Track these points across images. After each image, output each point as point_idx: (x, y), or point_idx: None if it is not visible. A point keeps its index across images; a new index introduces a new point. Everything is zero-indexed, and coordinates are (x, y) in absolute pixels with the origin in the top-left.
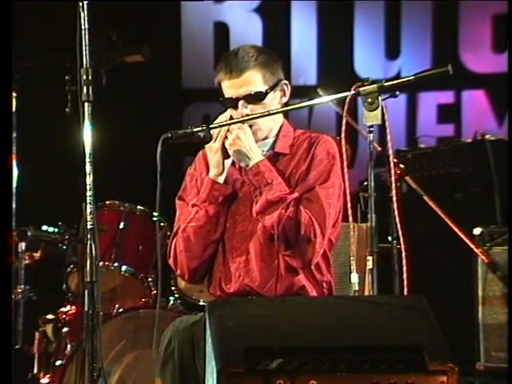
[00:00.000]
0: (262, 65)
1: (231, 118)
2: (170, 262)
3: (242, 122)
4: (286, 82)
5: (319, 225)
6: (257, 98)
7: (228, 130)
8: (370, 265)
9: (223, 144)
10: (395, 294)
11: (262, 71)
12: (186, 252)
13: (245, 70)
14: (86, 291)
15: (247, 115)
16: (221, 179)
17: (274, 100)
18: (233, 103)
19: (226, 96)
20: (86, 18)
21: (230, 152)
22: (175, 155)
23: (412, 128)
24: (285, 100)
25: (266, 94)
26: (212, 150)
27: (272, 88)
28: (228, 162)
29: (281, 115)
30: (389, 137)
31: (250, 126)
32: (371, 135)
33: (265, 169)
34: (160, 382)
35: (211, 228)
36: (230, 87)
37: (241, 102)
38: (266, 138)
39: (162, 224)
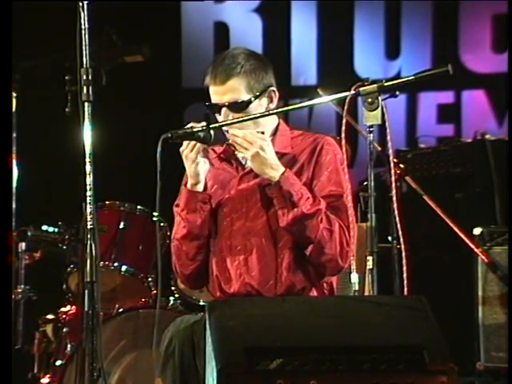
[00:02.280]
0: (248, 73)
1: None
2: (173, 268)
3: (242, 121)
4: (274, 88)
5: (349, 233)
6: (240, 106)
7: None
8: (369, 265)
9: (198, 153)
10: (395, 294)
11: (247, 79)
12: (178, 261)
13: (229, 77)
14: (86, 291)
15: (240, 116)
16: (199, 187)
17: (260, 107)
18: (217, 109)
19: (212, 101)
20: (85, 18)
21: (253, 165)
22: (175, 155)
23: (412, 128)
24: (272, 106)
25: (249, 103)
26: (188, 160)
27: (257, 96)
28: (205, 170)
29: (275, 116)
30: (389, 137)
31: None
32: (371, 135)
33: (291, 180)
34: (160, 382)
35: (196, 234)
36: (215, 93)
37: (224, 110)
38: None
39: (162, 224)
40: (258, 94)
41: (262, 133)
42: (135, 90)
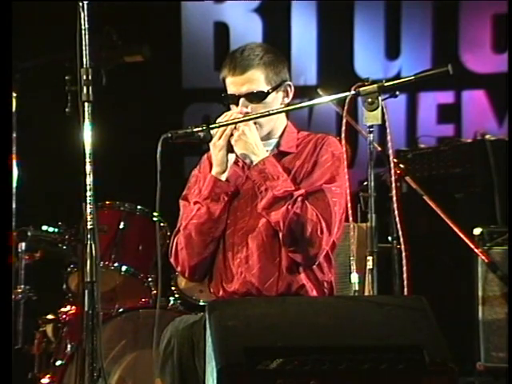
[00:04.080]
0: (267, 64)
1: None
2: (171, 259)
3: (243, 121)
4: (290, 83)
5: (325, 221)
6: (258, 97)
7: (235, 128)
8: (369, 265)
9: (228, 142)
10: (395, 294)
11: (265, 71)
12: (187, 249)
13: (248, 68)
14: (86, 291)
15: (247, 113)
16: (223, 177)
17: (276, 100)
18: (234, 100)
19: (229, 92)
20: (85, 18)
21: (236, 148)
22: (175, 155)
23: (412, 128)
24: (287, 101)
25: (267, 94)
26: (216, 148)
27: (274, 88)
28: (231, 159)
29: (284, 117)
30: (389, 137)
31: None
32: (371, 135)
33: (270, 165)
34: (160, 382)
35: (212, 225)
36: (233, 84)
37: (242, 100)
38: (269, 138)
39: (162, 224)
40: (275, 86)
41: (255, 123)
42: (135, 90)
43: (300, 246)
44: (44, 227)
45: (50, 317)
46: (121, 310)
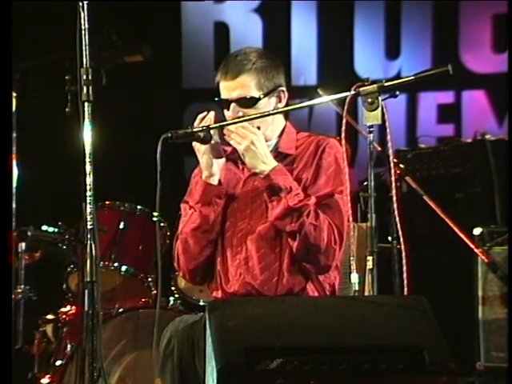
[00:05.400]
0: (259, 70)
1: (216, 119)
2: (174, 264)
3: (239, 122)
4: (284, 88)
5: (338, 230)
6: (249, 102)
7: (224, 133)
8: (370, 265)
9: (212, 145)
10: (395, 294)
11: (257, 76)
12: (184, 254)
13: (240, 73)
14: (86, 291)
15: (241, 116)
16: (213, 180)
17: (268, 106)
18: (226, 105)
19: (221, 97)
20: (86, 18)
21: (245, 158)
22: (175, 155)
23: (412, 128)
24: (280, 106)
25: (258, 99)
26: (200, 152)
27: (267, 94)
28: (220, 163)
29: (282, 118)
30: (389, 137)
31: None
32: (371, 135)
33: (282, 174)
34: (160, 382)
35: (207, 229)
36: (225, 89)
37: (233, 105)
38: (266, 140)
39: (162, 224)
40: (267, 92)
41: (258, 128)
42: (135, 90)
43: (314, 257)
44: (44, 227)
45: (49, 317)
46: (121, 310)
